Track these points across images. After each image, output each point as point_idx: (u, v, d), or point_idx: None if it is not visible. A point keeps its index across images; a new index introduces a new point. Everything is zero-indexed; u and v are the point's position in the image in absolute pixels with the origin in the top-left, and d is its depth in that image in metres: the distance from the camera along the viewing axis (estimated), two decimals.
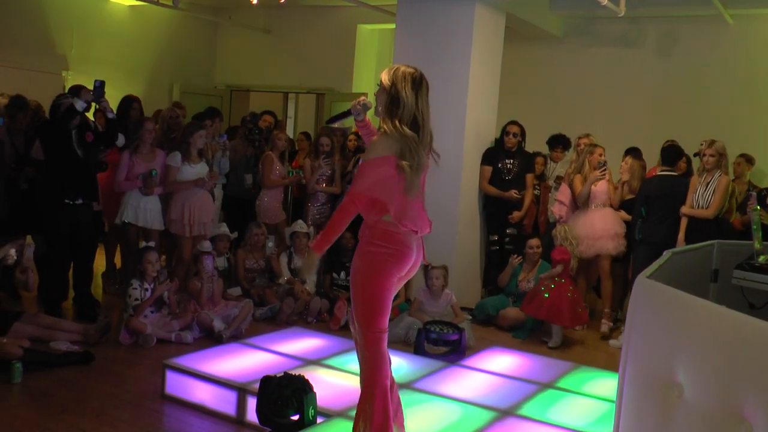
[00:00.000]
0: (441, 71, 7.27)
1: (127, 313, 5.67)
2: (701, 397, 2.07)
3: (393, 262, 3.36)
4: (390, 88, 3.38)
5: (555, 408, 4.29)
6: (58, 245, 6.12)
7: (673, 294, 2.36)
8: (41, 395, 4.45)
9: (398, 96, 3.34)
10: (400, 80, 3.37)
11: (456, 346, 5.66)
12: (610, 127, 8.88)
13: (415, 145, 3.32)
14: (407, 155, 3.30)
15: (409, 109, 3.34)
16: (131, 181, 6.45)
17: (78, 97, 5.95)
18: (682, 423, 2.15)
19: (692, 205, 6.41)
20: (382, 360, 3.38)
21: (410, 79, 3.37)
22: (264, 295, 6.79)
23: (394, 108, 3.35)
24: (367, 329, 3.36)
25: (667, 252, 3.52)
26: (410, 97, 3.35)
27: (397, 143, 3.31)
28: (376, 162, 3.32)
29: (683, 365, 2.16)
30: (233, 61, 12.15)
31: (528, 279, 6.84)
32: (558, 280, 6.39)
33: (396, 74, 3.40)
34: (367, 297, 3.35)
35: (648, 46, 9.41)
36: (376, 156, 3.32)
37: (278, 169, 7.49)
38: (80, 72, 9.77)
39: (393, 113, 3.35)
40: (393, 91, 3.36)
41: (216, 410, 4.30)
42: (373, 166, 3.32)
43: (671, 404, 2.19)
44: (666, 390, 2.21)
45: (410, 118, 3.34)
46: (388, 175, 3.31)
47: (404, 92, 3.34)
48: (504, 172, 7.43)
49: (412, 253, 3.41)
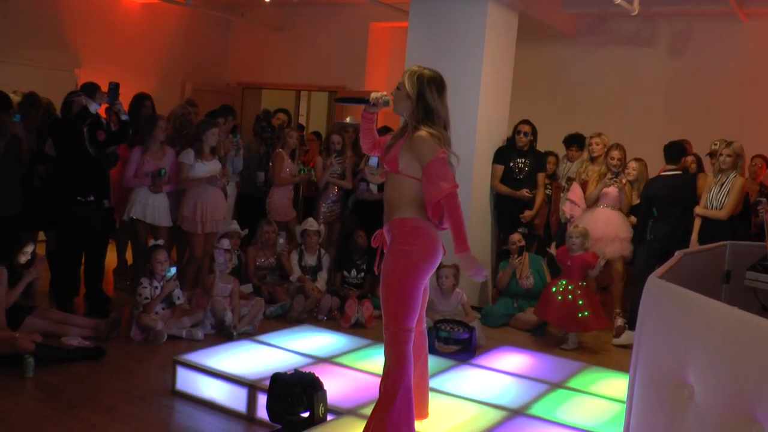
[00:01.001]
0: (453, 70, 7.24)
1: (137, 310, 5.70)
2: (712, 398, 2.06)
3: (427, 259, 3.49)
4: (417, 97, 3.51)
5: (565, 408, 4.28)
6: (70, 242, 6.16)
7: (685, 295, 2.35)
8: (53, 390, 4.48)
9: (429, 105, 3.51)
10: (426, 89, 3.52)
11: (466, 345, 5.66)
12: (622, 127, 8.84)
13: (449, 145, 3.57)
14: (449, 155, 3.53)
15: (440, 115, 3.54)
16: (140, 178, 6.48)
17: (92, 100, 5.97)
18: (692, 424, 2.14)
19: (706, 205, 6.38)
20: (405, 359, 3.43)
21: (435, 86, 3.54)
22: (274, 292, 6.80)
23: (427, 116, 3.51)
24: (396, 328, 3.43)
25: (679, 252, 3.49)
26: (437, 102, 3.53)
27: (440, 144, 3.48)
28: (444, 157, 3.48)
29: (694, 366, 2.15)
30: (245, 58, 12.17)
31: (526, 275, 6.82)
32: (583, 284, 6.31)
33: (421, 81, 3.52)
34: (401, 295, 3.43)
35: (661, 44, 9.36)
36: (439, 151, 3.47)
37: (288, 166, 7.50)
38: (93, 69, 9.80)
39: (429, 120, 3.52)
40: (422, 101, 3.51)
41: (226, 407, 4.32)
42: (445, 162, 3.49)
43: (682, 405, 2.18)
44: (677, 391, 2.20)
45: (442, 122, 3.56)
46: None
47: (432, 100, 3.51)
48: (515, 171, 7.41)
49: (440, 248, 3.56)
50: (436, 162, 3.45)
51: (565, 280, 6.35)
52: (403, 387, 3.42)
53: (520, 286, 6.84)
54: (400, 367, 3.42)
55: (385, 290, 3.49)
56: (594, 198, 6.91)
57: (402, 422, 3.42)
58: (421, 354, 3.82)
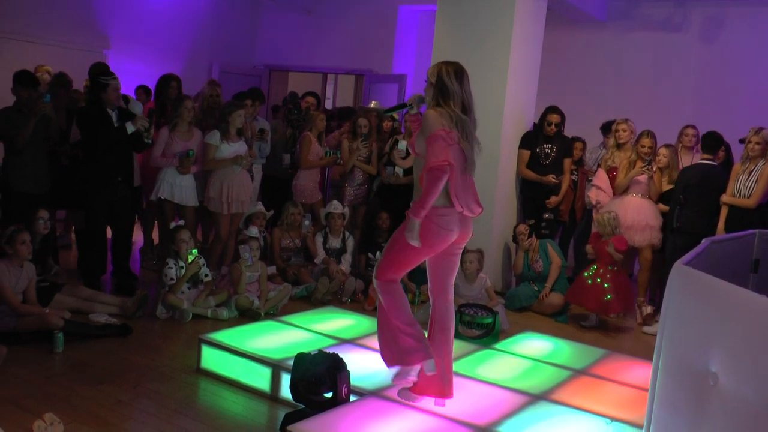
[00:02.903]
0: (481, 53, 7.23)
1: (163, 290, 5.76)
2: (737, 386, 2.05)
3: (431, 237, 3.73)
4: (436, 81, 3.79)
5: (588, 394, 4.27)
6: (98, 221, 6.24)
7: (711, 282, 2.32)
8: (81, 365, 4.56)
9: (444, 85, 3.76)
10: (444, 73, 3.78)
11: (490, 329, 5.66)
12: (653, 113, 8.73)
13: (468, 126, 3.76)
14: (464, 135, 3.73)
15: (456, 95, 3.76)
16: (167, 158, 6.53)
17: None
18: (717, 412, 2.13)
19: (733, 193, 6.30)
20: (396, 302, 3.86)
21: (453, 70, 3.79)
22: (299, 274, 6.85)
23: (442, 97, 3.77)
24: (381, 276, 3.86)
25: (706, 240, 3.46)
26: (455, 84, 3.76)
27: (448, 119, 3.70)
28: (442, 134, 3.65)
29: (720, 354, 2.14)
30: (273, 41, 12.17)
31: (535, 259, 6.83)
32: (613, 269, 6.39)
33: (440, 67, 3.83)
34: (397, 253, 3.82)
35: (693, 30, 9.21)
36: (437, 128, 3.67)
37: (315, 149, 7.52)
38: (121, 51, 9.88)
39: (444, 100, 3.77)
40: (439, 83, 3.77)
41: (250, 386, 4.37)
42: (441, 138, 3.65)
43: (706, 393, 2.17)
44: (701, 378, 2.19)
45: (459, 102, 3.76)
46: (455, 149, 3.69)
47: (449, 81, 3.75)
48: (542, 156, 7.36)
49: (451, 235, 3.80)
50: (431, 138, 3.67)
51: (596, 265, 6.47)
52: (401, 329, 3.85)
53: (533, 269, 6.86)
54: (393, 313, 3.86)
55: (389, 242, 3.91)
56: (624, 186, 6.86)
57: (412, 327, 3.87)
58: (444, 330, 3.99)
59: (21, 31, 8.93)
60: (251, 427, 3.94)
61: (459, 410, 3.86)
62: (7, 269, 4.94)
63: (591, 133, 8.20)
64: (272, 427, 3.92)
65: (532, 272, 6.88)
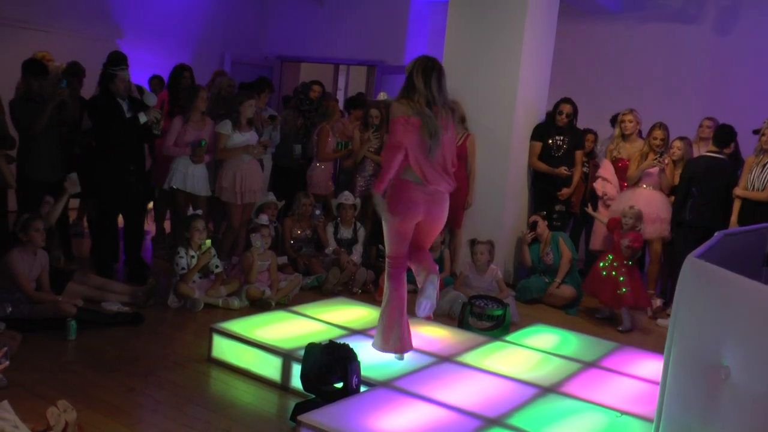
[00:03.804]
0: (493, 45, 7.21)
1: (175, 279, 5.79)
2: (750, 380, 2.04)
3: (395, 207, 4.29)
4: (407, 76, 4.26)
5: (598, 387, 4.26)
6: (110, 209, 6.27)
7: (723, 275, 2.31)
8: (93, 353, 4.60)
9: (411, 81, 4.22)
10: (414, 70, 4.24)
11: (500, 321, 5.66)
12: (666, 105, 8.69)
13: (430, 119, 4.17)
14: (425, 124, 4.16)
15: (420, 91, 4.19)
16: (180, 147, 6.55)
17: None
18: (728, 406, 2.12)
19: (746, 186, 6.26)
20: (393, 282, 4.44)
21: (422, 68, 4.23)
22: (310, 264, 6.86)
23: (406, 90, 4.26)
24: (387, 254, 4.48)
25: (718, 233, 3.43)
26: (420, 81, 4.19)
27: (409, 109, 4.17)
28: (401, 121, 4.17)
29: (731, 348, 2.13)
30: (285, 31, 12.16)
31: (546, 251, 6.81)
32: (628, 262, 6.38)
33: (413, 64, 4.28)
34: (385, 232, 4.43)
35: (708, 21, 9.13)
36: (398, 115, 4.19)
37: (331, 141, 7.53)
38: (133, 40, 9.90)
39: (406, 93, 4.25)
40: (408, 79, 4.25)
41: (261, 375, 4.39)
42: (401, 124, 4.16)
43: (718, 386, 2.16)
44: (713, 372, 2.18)
45: (423, 98, 4.19)
46: (414, 137, 4.16)
47: (415, 78, 4.20)
48: (553, 148, 7.34)
49: (416, 206, 4.30)
50: (391, 123, 4.24)
51: (612, 255, 6.45)
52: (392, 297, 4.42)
53: (543, 262, 6.84)
54: (391, 288, 4.44)
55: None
56: (636, 178, 6.84)
57: (393, 323, 4.38)
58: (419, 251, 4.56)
59: (33, 21, 8.96)
60: (262, 416, 3.96)
61: (469, 402, 3.86)
62: (22, 257, 4.98)
63: (603, 125, 8.16)
64: (283, 417, 3.94)
65: (543, 264, 6.87)
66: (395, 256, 4.46)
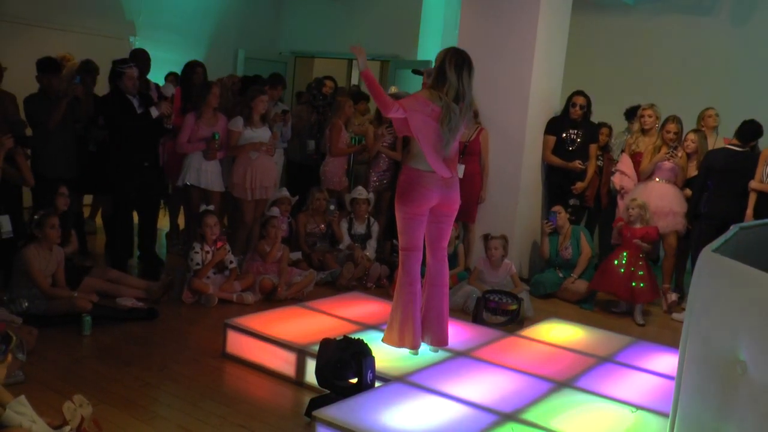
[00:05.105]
0: (507, 39, 7.18)
1: (189, 275, 5.81)
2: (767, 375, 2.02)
3: (403, 195, 4.29)
4: (438, 66, 4.19)
5: (613, 382, 4.24)
6: (125, 205, 6.30)
7: (740, 269, 2.29)
8: (109, 348, 4.63)
9: (444, 73, 4.15)
10: (446, 61, 4.16)
11: (514, 316, 5.65)
12: (681, 98, 8.61)
13: (454, 113, 4.13)
14: (446, 118, 4.12)
15: (452, 84, 4.14)
16: (193, 143, 6.56)
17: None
18: (745, 400, 2.11)
19: (762, 179, 6.20)
20: (407, 276, 4.37)
21: (454, 59, 4.15)
22: (324, 259, 6.87)
23: (437, 81, 4.20)
24: (400, 245, 4.45)
25: (734, 227, 3.40)
26: (453, 74, 4.13)
27: (437, 99, 4.12)
28: (420, 100, 4.15)
29: (748, 342, 2.11)
30: (298, 27, 12.16)
31: (565, 246, 6.78)
32: (642, 256, 6.38)
33: (446, 52, 4.22)
34: (397, 222, 4.38)
35: (723, 13, 9.05)
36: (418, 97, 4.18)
37: (344, 137, 7.53)
38: (147, 38, 9.93)
39: (437, 85, 4.19)
40: (440, 69, 4.18)
41: (275, 370, 4.39)
42: (416, 101, 4.15)
43: (734, 381, 2.15)
44: (729, 367, 2.16)
45: (453, 91, 4.15)
46: (428, 120, 4.13)
47: (448, 70, 4.14)
48: (568, 142, 7.30)
49: (428, 193, 4.25)
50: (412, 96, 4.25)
51: (627, 252, 6.41)
52: (405, 292, 4.36)
53: (561, 256, 6.81)
54: (402, 283, 4.38)
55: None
56: (649, 171, 6.80)
57: (405, 317, 4.34)
58: (435, 286, 4.49)
59: (48, 19, 9.00)
60: (276, 411, 3.97)
61: (484, 397, 3.85)
62: (38, 253, 5.01)
63: (618, 119, 8.11)
64: (297, 412, 3.95)
65: (560, 259, 6.84)
66: (409, 247, 4.41)
